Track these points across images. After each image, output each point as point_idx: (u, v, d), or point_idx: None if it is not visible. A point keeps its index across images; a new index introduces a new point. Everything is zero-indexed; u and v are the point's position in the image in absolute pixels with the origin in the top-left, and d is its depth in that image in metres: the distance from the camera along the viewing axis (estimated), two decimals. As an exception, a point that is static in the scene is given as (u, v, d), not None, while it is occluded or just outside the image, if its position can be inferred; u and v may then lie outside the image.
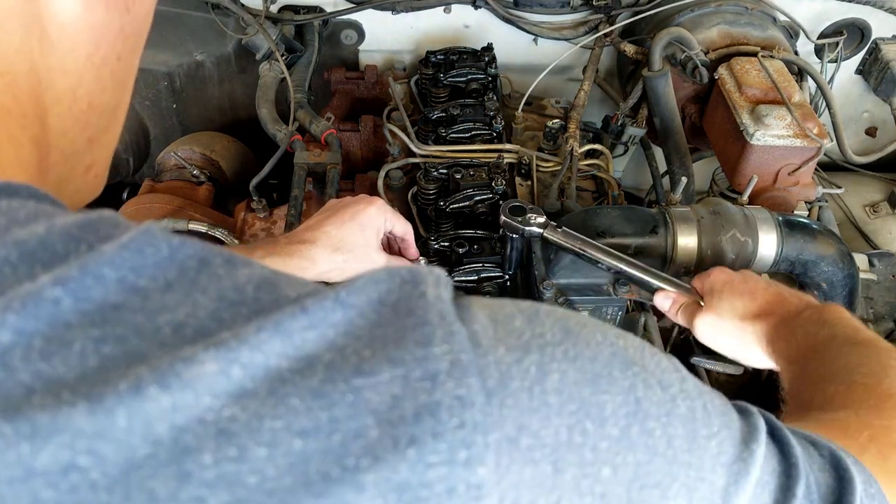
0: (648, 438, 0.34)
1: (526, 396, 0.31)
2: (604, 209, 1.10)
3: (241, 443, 0.26)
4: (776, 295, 0.86)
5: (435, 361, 0.29)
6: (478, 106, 1.38)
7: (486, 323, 0.33)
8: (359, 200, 0.94)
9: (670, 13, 1.52)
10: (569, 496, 0.31)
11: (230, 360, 0.27)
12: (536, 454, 0.30)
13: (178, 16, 1.67)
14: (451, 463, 0.27)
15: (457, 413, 0.28)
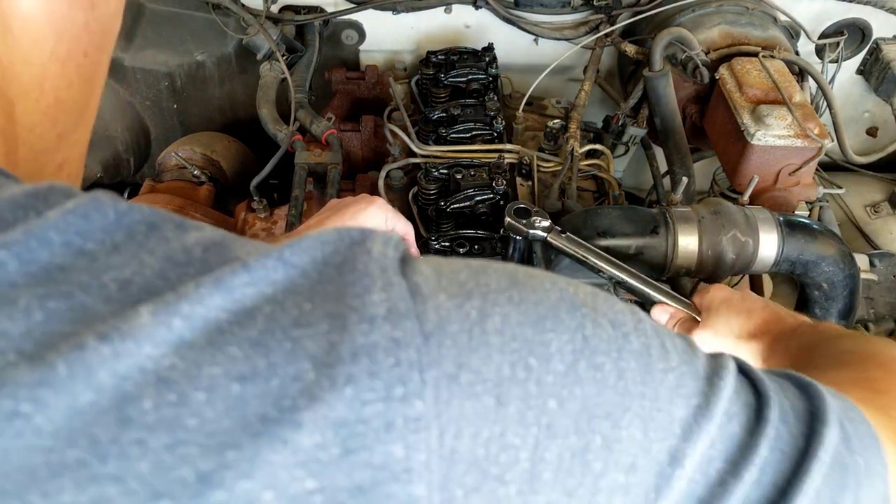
0: (597, 372, 0.35)
1: (465, 337, 0.32)
2: (604, 209, 1.10)
3: (180, 389, 0.27)
4: (773, 314, 0.86)
5: (372, 307, 0.31)
6: (478, 106, 1.38)
7: (429, 275, 0.34)
8: (359, 200, 0.94)
9: (671, 13, 1.52)
10: (514, 427, 0.31)
11: (170, 312, 0.28)
12: (478, 388, 0.31)
13: (178, 16, 1.67)
14: (387, 399, 0.29)
15: (392, 353, 0.30)
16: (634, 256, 1.05)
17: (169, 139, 1.70)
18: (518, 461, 0.31)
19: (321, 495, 0.27)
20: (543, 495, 0.32)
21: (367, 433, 0.28)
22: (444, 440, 0.30)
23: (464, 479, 0.30)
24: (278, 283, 0.31)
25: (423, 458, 0.29)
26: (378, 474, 0.28)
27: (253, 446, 0.27)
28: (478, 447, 0.31)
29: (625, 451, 0.34)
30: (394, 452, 0.29)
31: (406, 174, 1.33)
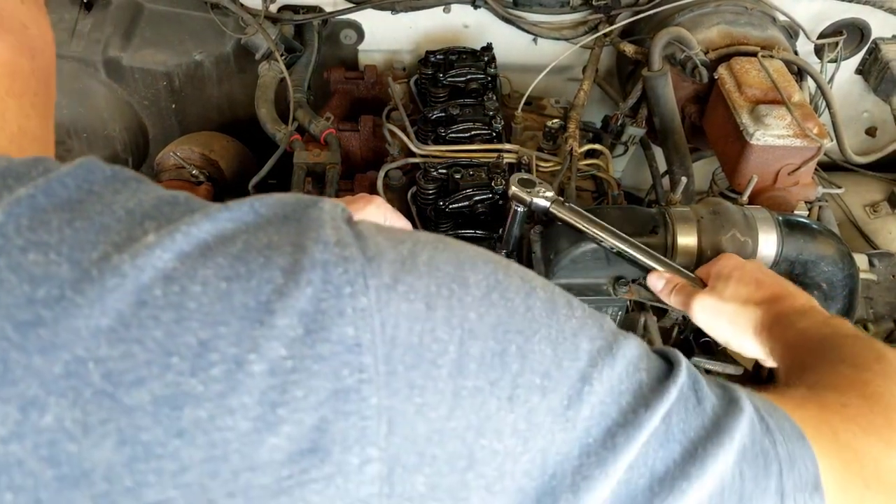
0: (508, 302, 0.44)
1: (399, 264, 0.41)
2: (603, 209, 1.10)
3: (182, 283, 0.36)
4: (783, 289, 0.88)
5: (325, 237, 0.40)
6: (477, 106, 1.37)
7: (370, 227, 0.43)
8: (358, 199, 0.94)
9: (670, 13, 1.52)
10: (441, 326, 0.40)
11: (172, 231, 0.38)
12: (411, 296, 0.40)
13: (177, 16, 1.67)
14: (339, 296, 0.38)
15: (342, 266, 0.39)
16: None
17: (167, 139, 1.69)
18: (447, 351, 0.40)
19: (292, 360, 0.36)
20: (470, 380, 0.40)
21: (325, 319, 0.37)
22: (386, 328, 0.38)
23: (403, 357, 0.39)
24: (250, 222, 0.40)
25: (369, 336, 0.38)
26: (335, 347, 0.37)
27: (238, 324, 0.36)
28: (413, 336, 0.39)
29: (538, 361, 0.43)
30: (347, 331, 0.37)
31: (405, 174, 1.33)
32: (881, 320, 1.40)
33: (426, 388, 0.39)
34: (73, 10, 1.67)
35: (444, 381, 0.39)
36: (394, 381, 0.38)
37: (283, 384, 0.36)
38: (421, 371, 0.39)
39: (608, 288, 1.07)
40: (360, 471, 0.37)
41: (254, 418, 0.35)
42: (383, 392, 0.37)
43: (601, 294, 1.06)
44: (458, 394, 0.40)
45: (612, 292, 1.06)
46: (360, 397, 0.37)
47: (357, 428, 0.37)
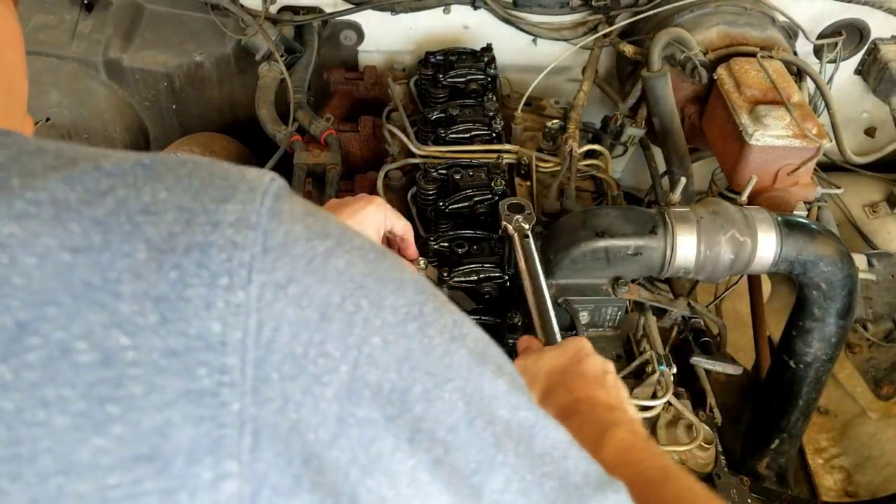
0: (426, 339, 0.38)
1: (304, 262, 0.36)
2: (603, 209, 1.10)
3: (13, 253, 0.32)
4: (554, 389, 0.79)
5: (223, 214, 0.34)
6: (477, 106, 1.38)
7: (298, 210, 0.37)
8: (358, 199, 0.94)
9: (669, 14, 1.52)
10: (334, 342, 0.35)
11: (12, 198, 0.33)
12: (303, 302, 0.35)
13: (177, 16, 1.67)
14: (211, 286, 0.33)
15: (227, 251, 0.34)
16: (633, 257, 1.05)
17: (168, 139, 1.70)
18: (337, 370, 0.35)
19: (134, 351, 0.31)
20: (363, 409, 0.35)
21: (187, 309, 0.32)
22: (263, 330, 0.34)
23: (281, 366, 0.34)
24: (139, 174, 0.35)
25: (239, 335, 0.33)
26: (192, 343, 0.32)
27: (72, 305, 0.31)
28: (296, 345, 0.34)
29: (446, 412, 0.38)
30: (211, 327, 0.33)
31: (405, 174, 1.33)
32: (880, 320, 1.40)
33: (304, 405, 0.34)
34: (74, 11, 1.67)
35: (327, 402, 0.34)
36: (265, 390, 0.33)
37: (119, 378, 0.31)
38: (300, 384, 0.34)
39: (608, 288, 1.07)
40: (214, 488, 0.32)
41: (74, 414, 0.30)
42: (249, 399, 0.33)
43: (601, 294, 1.07)
44: (343, 420, 0.35)
45: (611, 292, 1.07)
46: (217, 402, 0.32)
47: (211, 437, 0.32)
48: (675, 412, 1.03)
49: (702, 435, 0.99)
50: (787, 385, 1.21)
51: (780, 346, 1.21)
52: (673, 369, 1.02)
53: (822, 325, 1.13)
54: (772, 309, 1.53)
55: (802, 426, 1.26)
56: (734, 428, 1.35)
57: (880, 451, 1.43)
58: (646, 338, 1.10)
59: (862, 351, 1.46)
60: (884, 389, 1.45)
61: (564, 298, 1.06)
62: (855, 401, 1.48)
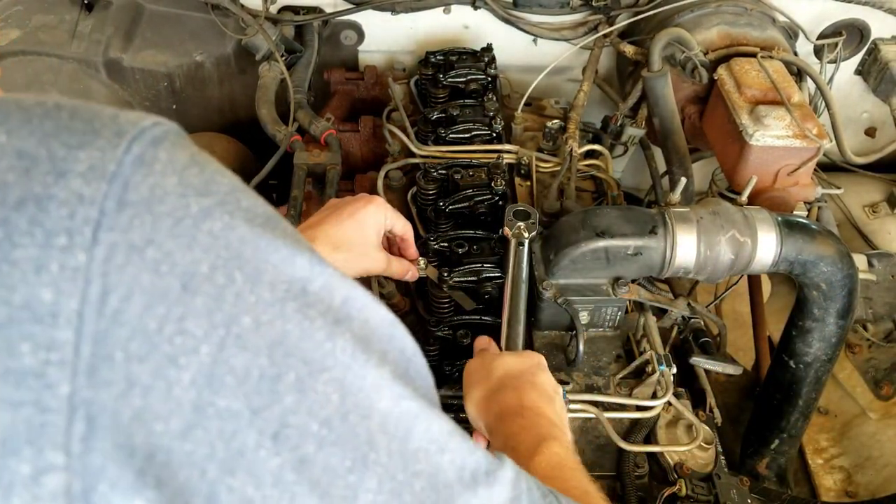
0: (305, 321, 0.34)
1: (170, 222, 0.31)
2: (603, 209, 1.10)
3: None
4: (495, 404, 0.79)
5: (72, 162, 0.29)
6: (477, 106, 1.38)
7: (182, 159, 0.32)
8: (358, 199, 0.94)
9: (670, 14, 1.52)
10: (196, 318, 0.31)
11: None
12: (163, 268, 0.30)
13: (177, 16, 1.67)
14: (45, 246, 0.28)
15: (69, 206, 0.29)
16: (633, 257, 1.05)
17: (168, 139, 1.69)
18: (197, 351, 0.30)
19: None
20: (223, 399, 0.31)
21: (13, 273, 0.28)
22: (108, 299, 0.29)
23: (128, 344, 0.29)
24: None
25: (74, 305, 0.28)
26: (16, 313, 0.28)
27: None
28: (149, 318, 0.30)
29: (319, 405, 0.34)
30: (40, 295, 0.28)
31: (405, 174, 1.33)
32: (880, 320, 1.40)
33: (153, 390, 0.29)
34: (74, 10, 1.67)
35: (182, 388, 0.30)
36: (104, 370, 0.29)
37: None
38: (150, 366, 0.29)
39: (608, 288, 1.07)
40: (35, 482, 0.28)
41: None
42: (82, 380, 0.28)
43: (601, 294, 1.07)
44: (201, 409, 0.30)
45: (611, 292, 1.07)
46: (42, 384, 0.28)
47: (31, 424, 0.28)
48: (674, 412, 1.03)
49: (702, 435, 0.99)
50: (787, 385, 1.21)
51: (780, 347, 1.21)
52: (673, 369, 1.02)
53: (822, 326, 1.13)
54: (772, 309, 1.53)
55: (802, 426, 1.26)
56: (734, 428, 1.35)
57: (880, 451, 1.43)
58: (646, 338, 1.10)
59: (862, 351, 1.46)
60: (884, 389, 1.45)
61: (564, 298, 1.06)
62: (855, 401, 1.48)
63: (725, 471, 0.99)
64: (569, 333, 1.09)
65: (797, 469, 1.43)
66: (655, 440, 1.01)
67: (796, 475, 1.41)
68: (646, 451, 0.99)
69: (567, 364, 1.07)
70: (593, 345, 1.10)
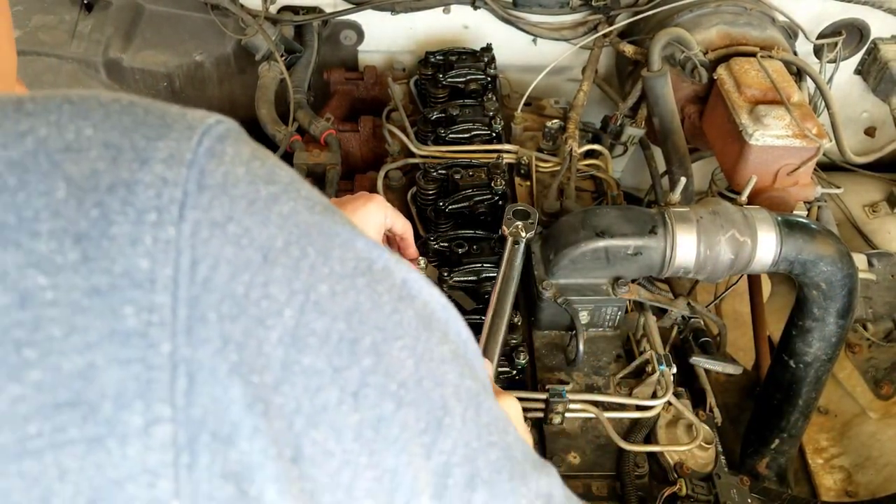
0: (374, 294, 0.36)
1: (245, 203, 0.33)
2: (603, 209, 1.10)
3: None
4: None
5: (153, 151, 0.32)
6: (477, 106, 1.38)
7: (246, 153, 0.35)
8: (358, 197, 0.94)
9: (669, 13, 1.52)
10: (278, 284, 0.33)
11: None
12: (244, 241, 0.32)
13: (177, 16, 1.67)
14: (138, 223, 0.30)
15: (156, 188, 0.31)
16: (633, 256, 1.05)
17: (168, 140, 1.69)
18: (281, 314, 0.32)
19: (53, 291, 0.29)
20: (308, 357, 0.33)
21: (111, 247, 0.30)
22: (198, 268, 0.31)
23: (220, 305, 0.31)
24: (65, 112, 0.32)
25: (169, 272, 0.30)
26: (117, 280, 0.30)
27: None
28: (237, 284, 0.32)
29: (395, 368, 0.36)
30: (138, 264, 0.30)
31: (405, 174, 1.33)
32: (880, 320, 1.40)
33: (246, 347, 0.31)
34: (74, 11, 1.67)
35: (271, 346, 0.32)
36: (201, 330, 0.31)
37: (37, 319, 0.29)
38: (242, 325, 0.32)
39: (608, 288, 1.07)
40: (146, 433, 0.30)
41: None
42: (182, 339, 0.30)
43: (601, 294, 1.07)
44: (288, 366, 0.33)
45: (611, 292, 1.07)
46: (146, 342, 0.30)
47: (140, 380, 0.30)
48: (674, 412, 1.03)
49: (702, 435, 0.99)
50: (787, 385, 1.21)
51: (780, 346, 1.21)
52: (673, 369, 1.02)
53: (821, 325, 1.13)
54: (772, 309, 1.53)
55: (802, 426, 1.26)
56: (734, 428, 1.35)
57: (880, 450, 1.43)
58: (646, 338, 1.10)
59: (862, 351, 1.46)
60: (884, 389, 1.45)
61: (564, 298, 1.06)
62: (855, 401, 1.48)
63: (725, 470, 0.99)
64: (569, 333, 1.09)
65: (797, 469, 1.43)
66: (655, 440, 1.01)
67: (796, 475, 1.41)
68: (646, 451, 0.99)
69: (567, 364, 1.07)
70: (593, 345, 1.10)
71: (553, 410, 0.98)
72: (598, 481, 0.99)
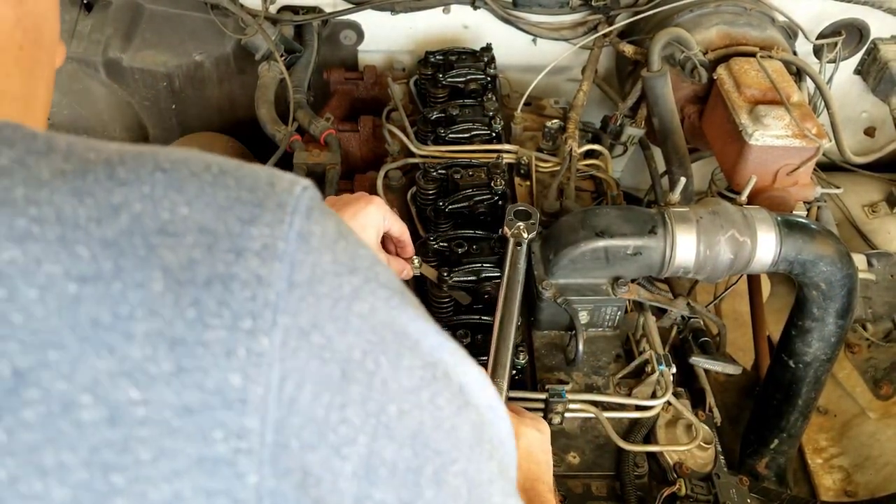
0: (437, 411, 0.35)
1: (329, 304, 0.31)
2: (602, 209, 1.10)
3: (12, 284, 0.27)
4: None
5: (248, 240, 0.30)
6: (477, 106, 1.38)
7: (329, 233, 0.34)
8: (358, 199, 0.94)
9: (669, 13, 1.52)
10: (355, 407, 0.31)
11: (15, 213, 0.28)
12: (326, 354, 0.31)
13: (177, 16, 1.67)
14: (233, 329, 0.28)
15: (251, 287, 0.29)
16: (633, 256, 1.05)
17: (167, 139, 1.70)
18: (356, 442, 0.31)
19: (144, 407, 0.27)
20: (379, 491, 0.32)
21: (206, 356, 0.28)
22: (285, 385, 0.29)
23: (301, 432, 0.30)
24: (158, 183, 0.30)
25: (260, 392, 0.29)
26: (209, 398, 0.28)
27: (77, 348, 0.27)
28: (318, 406, 0.30)
29: (451, 497, 0.35)
30: (230, 380, 0.28)
31: (404, 174, 1.33)
32: (879, 320, 1.40)
33: (323, 481, 0.30)
34: (73, 10, 1.67)
35: (346, 480, 0.30)
36: (285, 459, 0.29)
37: (125, 440, 0.27)
38: (320, 456, 0.30)
39: (607, 288, 1.07)
40: None
41: (74, 485, 0.26)
42: (267, 469, 0.29)
43: (600, 294, 1.07)
44: (360, 502, 0.31)
45: (611, 292, 1.07)
46: (234, 472, 0.28)
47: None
48: (674, 412, 1.03)
49: (701, 435, 0.99)
50: (787, 385, 1.21)
51: (780, 346, 1.21)
52: (672, 369, 1.02)
53: (821, 325, 1.13)
54: (771, 309, 1.53)
55: (802, 426, 1.26)
56: (734, 428, 1.35)
57: (879, 450, 1.43)
58: (645, 338, 1.10)
59: (861, 351, 1.46)
60: (883, 389, 1.45)
61: (564, 298, 1.06)
62: (854, 401, 1.48)
63: (725, 470, 1.00)
64: (568, 333, 1.09)
65: (797, 469, 1.43)
66: (655, 440, 1.01)
67: (796, 475, 1.41)
68: (645, 451, 0.99)
69: (567, 364, 1.07)
70: (593, 344, 1.10)
71: (552, 410, 0.98)
72: (598, 481, 0.99)
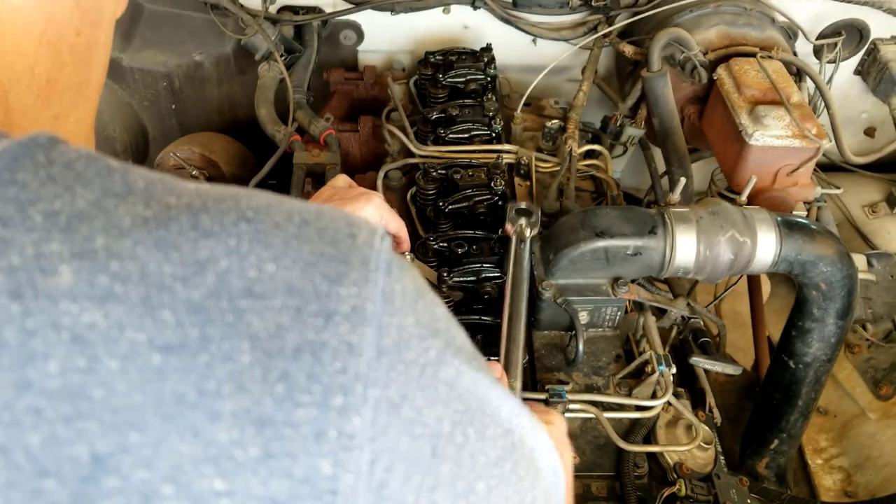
0: (518, 482, 0.34)
1: (417, 371, 0.29)
2: (602, 209, 1.10)
3: (92, 353, 0.24)
4: None
5: (336, 301, 0.28)
6: (477, 106, 1.38)
7: (409, 290, 0.31)
8: (358, 197, 0.94)
9: (669, 14, 1.52)
10: (445, 488, 0.29)
11: (95, 270, 0.25)
12: (417, 430, 0.28)
13: (177, 16, 1.67)
14: (324, 406, 0.26)
15: (341, 358, 0.27)
16: (632, 257, 1.05)
17: (167, 139, 1.69)
18: None
19: (229, 499, 0.24)
20: None
21: (295, 439, 0.25)
22: (375, 469, 0.27)
23: None
24: (243, 234, 0.28)
25: (351, 480, 0.26)
26: (298, 488, 0.25)
27: (161, 430, 0.24)
28: (408, 492, 0.28)
29: None
30: (321, 467, 0.26)
31: (404, 174, 1.33)
32: (879, 320, 1.40)
33: None
34: (74, 10, 1.67)
35: None
36: None
37: None
38: None
39: (607, 288, 1.07)
40: None
41: None
42: None
43: (600, 294, 1.07)
44: None
45: (611, 292, 1.07)
46: None
47: None
48: (674, 412, 1.03)
49: (701, 435, 0.99)
50: (787, 385, 1.21)
51: (780, 347, 1.21)
52: (672, 369, 1.02)
53: (821, 326, 1.13)
54: (771, 309, 1.53)
55: (802, 426, 1.26)
56: (734, 428, 1.35)
57: (879, 451, 1.43)
58: (645, 338, 1.10)
59: (861, 351, 1.46)
60: (883, 390, 1.45)
61: (564, 298, 1.06)
62: (854, 401, 1.48)
63: (725, 471, 0.99)
64: (568, 333, 1.09)
65: (796, 469, 1.43)
66: (655, 440, 1.01)
67: (796, 475, 1.41)
68: (645, 451, 0.99)
69: (567, 364, 1.07)
70: (593, 345, 1.10)
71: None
72: (598, 481, 0.99)
